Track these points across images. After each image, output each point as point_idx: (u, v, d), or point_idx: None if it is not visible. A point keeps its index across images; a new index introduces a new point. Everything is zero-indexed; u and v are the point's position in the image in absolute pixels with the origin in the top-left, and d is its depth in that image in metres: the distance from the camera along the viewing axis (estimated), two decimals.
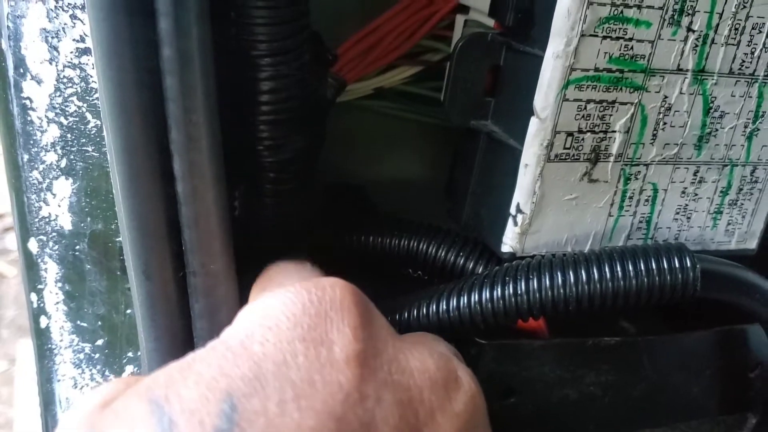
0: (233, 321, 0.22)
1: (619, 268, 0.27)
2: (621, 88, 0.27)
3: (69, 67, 0.27)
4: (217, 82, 0.24)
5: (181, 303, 0.25)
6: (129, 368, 0.30)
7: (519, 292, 0.27)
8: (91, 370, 0.31)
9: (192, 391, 0.18)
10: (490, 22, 0.30)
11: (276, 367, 0.19)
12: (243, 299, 0.27)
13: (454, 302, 0.28)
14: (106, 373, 0.31)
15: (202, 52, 0.22)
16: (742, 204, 0.32)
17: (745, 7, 0.27)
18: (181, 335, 0.26)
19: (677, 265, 0.27)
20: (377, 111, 0.37)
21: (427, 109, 0.38)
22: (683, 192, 0.31)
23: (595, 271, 0.27)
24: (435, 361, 0.22)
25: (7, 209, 1.91)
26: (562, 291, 0.27)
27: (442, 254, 0.32)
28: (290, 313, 0.20)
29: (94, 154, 0.28)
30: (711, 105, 0.29)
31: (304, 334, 0.20)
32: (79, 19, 0.26)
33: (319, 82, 0.31)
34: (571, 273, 0.27)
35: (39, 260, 0.30)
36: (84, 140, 0.27)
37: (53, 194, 0.28)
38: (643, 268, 0.27)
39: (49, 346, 0.31)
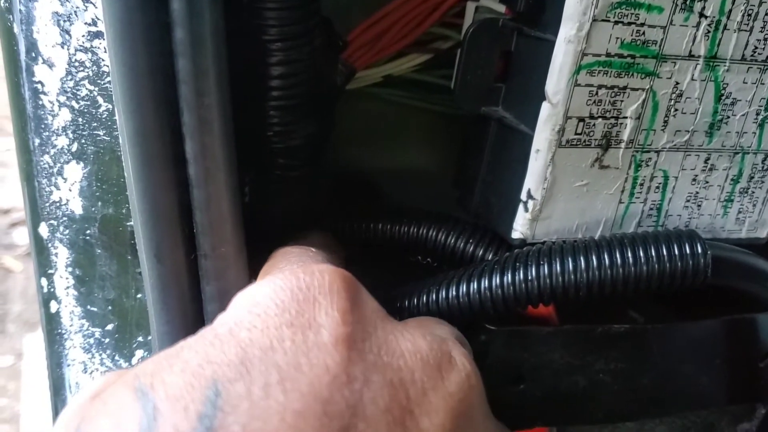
0: (227, 308, 0.22)
1: (629, 254, 0.27)
2: (632, 74, 0.27)
3: (81, 50, 0.27)
4: (228, 67, 0.24)
5: (192, 286, 0.25)
6: (139, 352, 0.30)
7: (530, 277, 0.27)
8: (101, 354, 0.31)
9: (177, 378, 0.18)
10: (501, 8, 0.30)
11: (262, 353, 0.19)
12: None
13: (464, 288, 0.28)
14: (116, 357, 0.31)
15: (214, 34, 0.22)
16: (753, 192, 0.32)
17: None
18: (192, 318, 0.26)
19: (688, 251, 0.27)
20: (386, 98, 0.37)
21: (436, 97, 0.37)
22: (694, 179, 0.31)
23: (605, 257, 0.27)
24: (428, 342, 0.22)
25: (14, 204, 1.92)
26: (572, 277, 0.27)
27: (452, 241, 0.32)
28: (278, 300, 0.20)
29: (105, 138, 0.28)
30: (723, 92, 0.29)
31: (292, 320, 0.20)
32: (91, 2, 0.26)
33: (329, 69, 0.31)
34: (581, 259, 0.27)
35: (49, 245, 0.30)
36: (95, 124, 0.28)
37: (64, 179, 0.29)
38: (654, 254, 0.27)
39: (59, 331, 0.31)
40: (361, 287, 0.23)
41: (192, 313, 0.26)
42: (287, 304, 0.20)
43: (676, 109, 0.29)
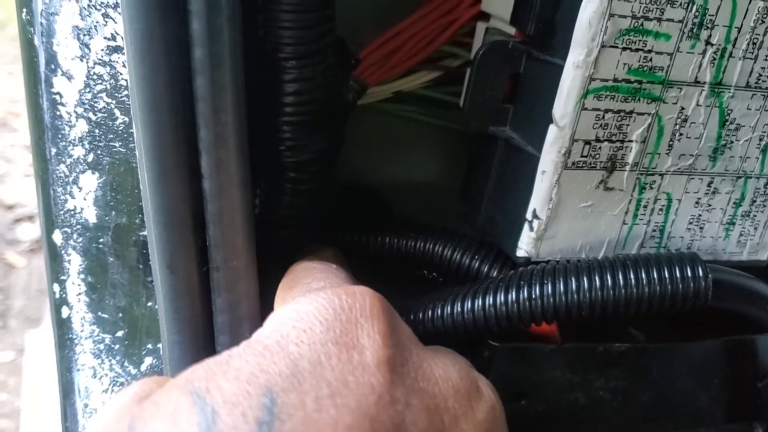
0: (264, 323, 0.22)
1: (632, 276, 0.27)
2: (639, 99, 0.28)
3: (99, 64, 0.27)
4: (245, 85, 0.24)
5: (203, 297, 0.26)
6: (148, 360, 0.31)
7: (533, 296, 0.28)
8: (110, 360, 0.31)
9: (233, 384, 0.19)
10: (512, 31, 0.30)
11: (312, 366, 0.20)
12: (264, 296, 0.27)
13: (469, 304, 0.29)
14: (125, 363, 0.31)
15: (232, 53, 0.23)
16: (755, 216, 0.33)
17: (763, 22, 0.28)
18: (202, 328, 0.26)
19: (689, 274, 0.27)
20: (396, 114, 0.38)
21: (445, 114, 0.38)
22: (697, 202, 0.31)
23: (608, 277, 0.27)
24: (457, 371, 0.23)
25: (18, 200, 1.93)
26: (575, 296, 0.27)
27: (458, 257, 0.32)
28: (323, 318, 0.21)
29: (120, 149, 0.28)
30: (727, 117, 0.30)
31: (337, 338, 0.20)
32: (111, 17, 0.27)
33: (341, 85, 0.32)
34: (584, 279, 0.27)
35: (63, 252, 0.30)
36: (111, 136, 0.28)
37: (79, 188, 0.29)
38: (655, 276, 0.27)
39: (70, 336, 0.31)
40: (395, 312, 0.23)
41: (202, 323, 0.26)
42: (331, 322, 0.21)
43: (681, 134, 0.29)
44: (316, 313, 0.21)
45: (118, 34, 0.27)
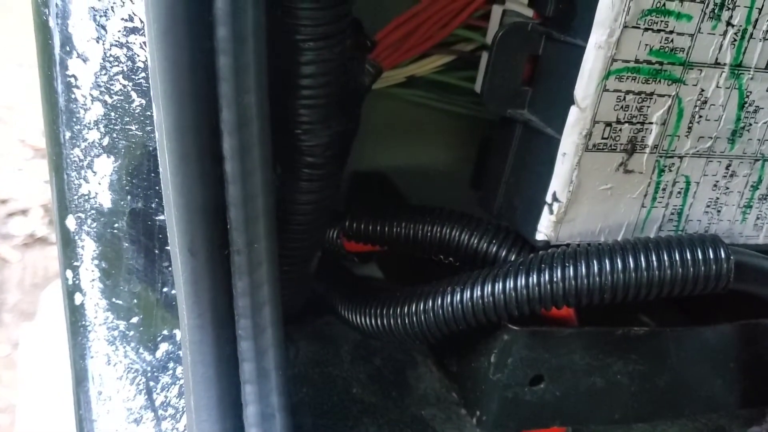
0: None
1: (654, 258, 0.27)
2: (659, 80, 0.28)
3: (116, 45, 0.27)
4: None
5: (224, 281, 0.26)
6: (164, 346, 0.31)
7: (555, 279, 0.27)
8: (125, 347, 0.31)
9: None
10: (529, 12, 0.30)
11: None
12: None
13: (489, 288, 0.28)
14: (140, 350, 0.31)
15: (256, 33, 0.23)
16: None
17: None
18: (222, 312, 0.26)
19: (712, 256, 0.27)
20: (407, 99, 0.37)
21: (457, 99, 0.38)
22: (715, 185, 0.31)
23: (631, 260, 0.27)
24: None
25: (11, 195, 1.92)
26: (598, 279, 0.27)
27: (476, 241, 0.32)
28: None
29: (137, 132, 0.28)
30: (746, 99, 0.30)
31: None
32: None
33: (357, 68, 0.31)
34: (607, 262, 0.27)
35: (76, 237, 0.30)
36: (128, 119, 0.28)
37: (94, 172, 0.29)
38: (678, 258, 0.27)
39: (83, 323, 0.31)
40: None
41: (223, 307, 0.26)
42: None
43: (700, 116, 0.29)
44: None
45: (135, 14, 0.26)
